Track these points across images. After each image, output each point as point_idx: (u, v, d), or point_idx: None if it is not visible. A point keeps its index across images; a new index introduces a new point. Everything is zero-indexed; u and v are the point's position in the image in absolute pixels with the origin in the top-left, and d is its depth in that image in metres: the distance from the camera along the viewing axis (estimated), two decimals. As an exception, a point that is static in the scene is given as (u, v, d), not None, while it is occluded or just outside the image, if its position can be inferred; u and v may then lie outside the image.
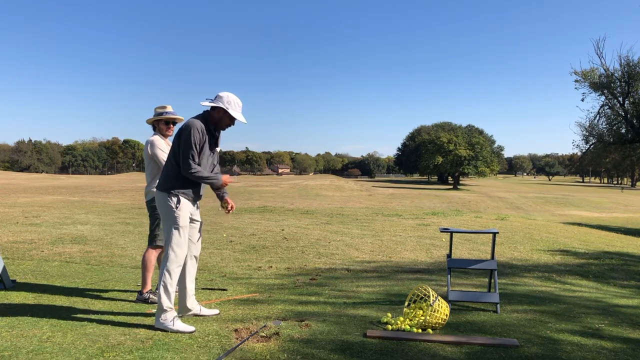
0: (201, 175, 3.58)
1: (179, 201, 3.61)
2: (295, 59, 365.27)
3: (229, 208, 3.91)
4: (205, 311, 3.98)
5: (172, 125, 4.52)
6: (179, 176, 3.62)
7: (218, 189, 3.89)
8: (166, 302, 3.52)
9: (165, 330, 3.49)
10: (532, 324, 3.93)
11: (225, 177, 3.76)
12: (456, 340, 3.43)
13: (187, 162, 3.52)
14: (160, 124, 4.47)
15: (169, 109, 4.51)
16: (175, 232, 3.59)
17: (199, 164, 3.58)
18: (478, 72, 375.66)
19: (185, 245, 3.67)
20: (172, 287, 3.58)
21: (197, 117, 3.69)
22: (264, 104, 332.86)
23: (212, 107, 3.72)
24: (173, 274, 3.58)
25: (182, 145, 3.53)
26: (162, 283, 3.55)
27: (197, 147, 3.55)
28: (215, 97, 3.71)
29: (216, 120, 3.72)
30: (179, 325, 3.52)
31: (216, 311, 4.03)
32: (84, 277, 5.47)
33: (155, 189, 3.86)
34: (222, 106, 3.65)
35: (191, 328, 3.53)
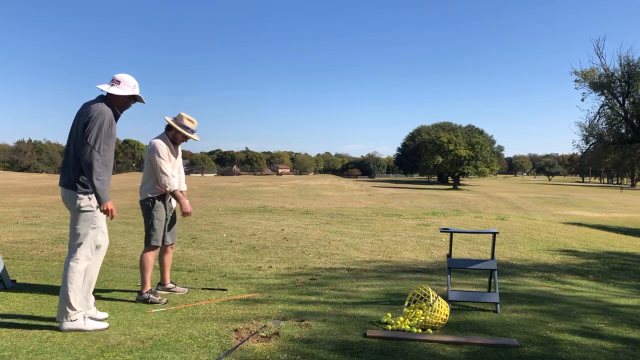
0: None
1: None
2: (295, 58, 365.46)
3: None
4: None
5: (186, 141, 4.56)
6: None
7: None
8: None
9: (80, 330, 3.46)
10: (532, 324, 3.93)
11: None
12: (456, 340, 3.43)
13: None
14: (179, 134, 4.45)
15: (196, 125, 4.54)
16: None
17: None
18: (478, 72, 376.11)
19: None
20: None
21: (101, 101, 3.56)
22: (263, 103, 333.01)
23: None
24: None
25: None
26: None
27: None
28: (116, 80, 3.61)
29: (120, 104, 3.66)
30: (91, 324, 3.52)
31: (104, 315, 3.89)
32: (84, 277, 5.46)
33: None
34: (124, 93, 3.58)
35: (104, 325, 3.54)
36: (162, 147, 4.36)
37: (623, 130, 23.20)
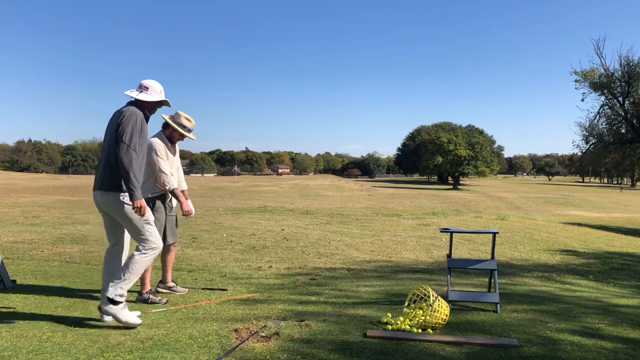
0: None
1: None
2: (295, 58, 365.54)
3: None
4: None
5: (182, 139, 4.56)
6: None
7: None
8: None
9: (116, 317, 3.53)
10: (532, 324, 3.93)
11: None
12: (456, 340, 3.43)
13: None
14: (176, 132, 4.46)
15: (193, 125, 4.54)
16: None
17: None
18: (478, 72, 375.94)
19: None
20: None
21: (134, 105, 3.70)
22: (263, 103, 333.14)
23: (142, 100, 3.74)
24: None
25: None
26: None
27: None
28: (144, 87, 3.74)
29: (148, 108, 3.80)
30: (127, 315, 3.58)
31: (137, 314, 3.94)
32: (84, 277, 5.46)
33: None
34: (155, 99, 3.73)
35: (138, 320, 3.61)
36: (159, 145, 4.36)
37: (623, 130, 23.20)
